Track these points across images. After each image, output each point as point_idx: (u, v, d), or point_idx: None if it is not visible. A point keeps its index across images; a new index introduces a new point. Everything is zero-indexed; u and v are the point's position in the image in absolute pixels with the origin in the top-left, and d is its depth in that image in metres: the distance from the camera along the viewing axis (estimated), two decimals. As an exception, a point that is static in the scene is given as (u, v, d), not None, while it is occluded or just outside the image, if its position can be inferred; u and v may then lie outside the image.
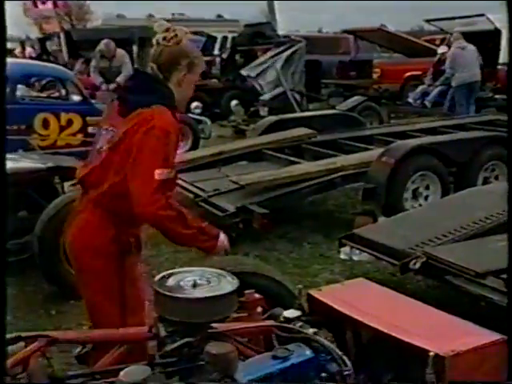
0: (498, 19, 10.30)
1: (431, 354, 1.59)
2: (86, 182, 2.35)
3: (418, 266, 3.34)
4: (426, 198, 5.21)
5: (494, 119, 7.66)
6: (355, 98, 10.06)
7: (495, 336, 1.71)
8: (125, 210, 2.22)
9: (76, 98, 7.26)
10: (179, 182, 5.71)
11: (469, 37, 10.25)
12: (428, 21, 13.93)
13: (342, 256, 4.15)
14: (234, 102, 11.04)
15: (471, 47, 9.99)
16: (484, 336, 1.72)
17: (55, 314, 3.76)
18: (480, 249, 3.47)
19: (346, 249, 4.07)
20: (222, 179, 5.26)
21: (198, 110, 10.93)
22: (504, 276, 3.04)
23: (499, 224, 3.72)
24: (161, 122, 2.20)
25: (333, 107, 10.14)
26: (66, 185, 4.43)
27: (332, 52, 15.51)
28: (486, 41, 10.85)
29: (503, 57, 11.06)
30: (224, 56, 13.81)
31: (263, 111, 10.50)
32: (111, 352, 1.79)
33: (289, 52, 10.89)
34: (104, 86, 9.02)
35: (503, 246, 3.46)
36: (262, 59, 11.28)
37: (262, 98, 10.80)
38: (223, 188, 4.96)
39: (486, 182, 5.46)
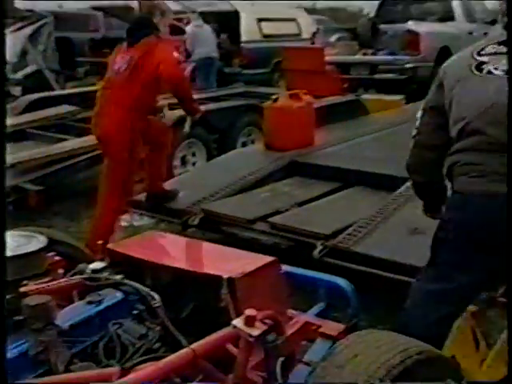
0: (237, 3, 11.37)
1: (224, 277, 1.89)
2: (114, 90, 3.81)
3: (197, 221, 3.70)
4: (194, 163, 5.62)
5: (244, 91, 8.37)
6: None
7: (269, 258, 2.07)
8: (144, 105, 3.79)
9: None
10: None
11: (211, 16, 11.00)
12: (174, -1, 14.42)
13: (123, 223, 4.31)
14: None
15: (207, 26, 10.72)
16: (261, 259, 2.07)
17: None
18: (248, 200, 3.96)
19: (126, 216, 4.26)
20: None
21: None
22: (269, 220, 3.56)
23: (260, 179, 4.28)
24: (164, 43, 3.85)
25: (93, 84, 10.01)
26: None
27: (82, 29, 15.08)
28: (228, 21, 11.73)
29: (244, 35, 12.15)
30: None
31: (16, 91, 9.89)
32: None
33: (34, 26, 10.32)
34: None
35: (265, 196, 4.02)
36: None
37: (12, 76, 10.16)
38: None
39: (244, 145, 6.08)
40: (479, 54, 2.14)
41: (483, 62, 2.09)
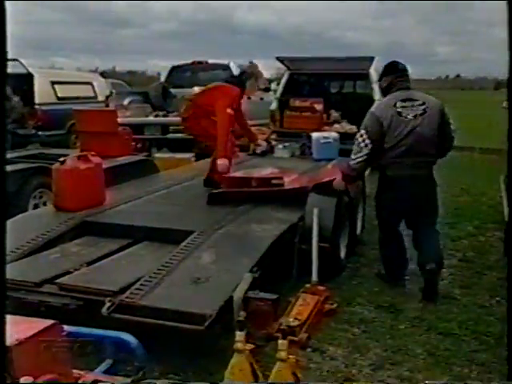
0: (31, 65, 11.16)
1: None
2: (199, 103, 5.87)
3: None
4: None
5: (38, 153, 8.12)
6: None
7: (49, 322, 2.06)
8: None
9: None
10: None
11: None
12: None
13: None
14: None
15: None
16: (39, 323, 2.05)
17: None
18: (35, 263, 3.88)
19: None
20: None
21: None
22: (56, 281, 3.55)
23: (50, 241, 4.23)
24: (231, 89, 5.76)
25: None
26: None
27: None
28: (21, 83, 11.43)
29: (38, 98, 11.94)
30: None
31: None
32: None
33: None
34: None
35: (54, 257, 4.00)
36: None
37: None
38: None
39: (36, 207, 5.92)
40: (394, 106, 4.36)
41: (400, 111, 4.35)
